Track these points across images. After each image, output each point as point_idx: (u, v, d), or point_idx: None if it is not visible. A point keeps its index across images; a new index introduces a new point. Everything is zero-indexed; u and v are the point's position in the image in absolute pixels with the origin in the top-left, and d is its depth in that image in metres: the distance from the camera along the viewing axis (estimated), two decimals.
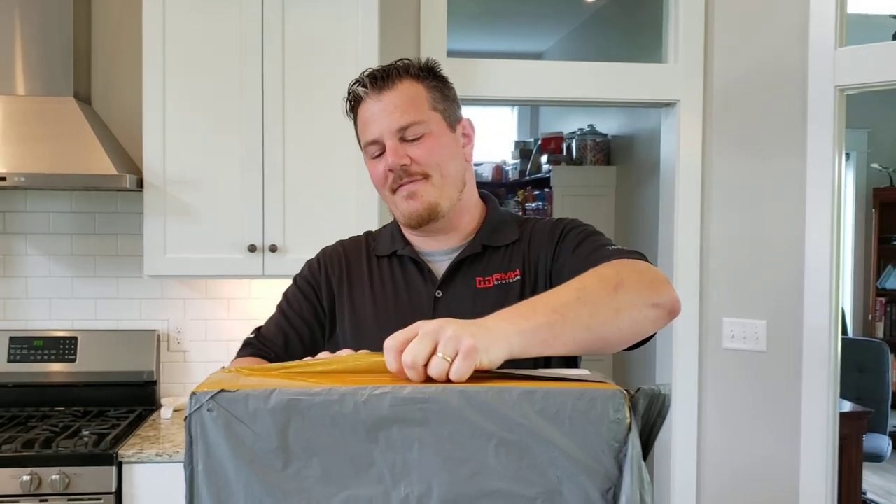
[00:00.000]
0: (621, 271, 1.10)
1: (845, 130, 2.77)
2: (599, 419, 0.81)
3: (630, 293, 1.05)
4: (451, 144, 1.35)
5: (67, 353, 2.81)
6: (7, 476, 2.25)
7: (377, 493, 0.81)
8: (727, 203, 2.94)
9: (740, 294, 2.91)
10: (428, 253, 1.39)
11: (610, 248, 1.24)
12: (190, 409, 0.81)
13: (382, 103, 1.29)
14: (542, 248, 1.34)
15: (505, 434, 0.81)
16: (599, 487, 0.82)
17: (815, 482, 2.74)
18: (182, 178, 2.59)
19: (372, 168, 1.34)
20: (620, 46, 4.21)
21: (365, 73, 1.33)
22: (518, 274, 1.33)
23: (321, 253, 1.48)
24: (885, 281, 6.28)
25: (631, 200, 4.13)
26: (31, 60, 2.64)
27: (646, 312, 1.07)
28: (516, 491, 0.81)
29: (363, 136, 1.34)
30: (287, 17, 2.59)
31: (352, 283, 1.41)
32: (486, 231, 1.39)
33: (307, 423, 0.80)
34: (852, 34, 2.75)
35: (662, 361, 3.12)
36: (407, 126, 1.29)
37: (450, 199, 1.33)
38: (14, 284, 2.89)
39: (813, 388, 2.73)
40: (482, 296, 1.31)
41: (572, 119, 5.12)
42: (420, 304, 1.34)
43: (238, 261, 2.60)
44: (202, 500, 0.81)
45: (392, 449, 0.80)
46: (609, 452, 0.82)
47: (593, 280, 1.06)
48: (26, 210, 2.89)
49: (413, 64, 1.33)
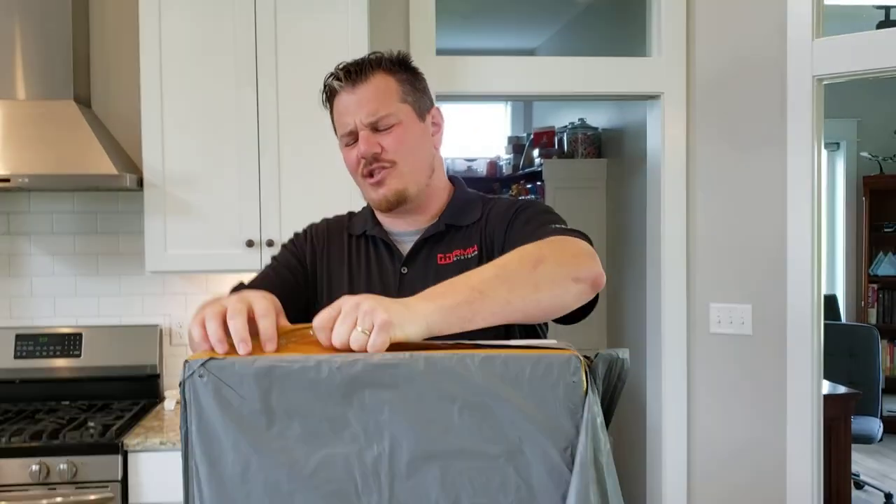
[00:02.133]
0: (543, 248, 1.15)
1: (834, 120, 2.85)
2: (556, 382, 0.88)
3: (550, 268, 1.11)
4: (420, 133, 1.44)
5: (72, 348, 2.89)
6: (17, 466, 2.34)
7: (352, 451, 0.88)
8: (712, 192, 3.02)
9: (726, 280, 2.99)
10: (397, 233, 1.48)
11: (551, 227, 1.29)
12: (184, 375, 0.89)
13: (356, 96, 1.38)
14: (499, 225, 1.42)
15: (468, 397, 0.87)
16: (558, 446, 0.88)
17: (801, 461, 2.82)
18: (181, 176, 2.67)
19: (346, 155, 1.43)
20: (611, 41, 4.28)
21: (339, 66, 1.41)
22: (476, 250, 1.42)
23: (309, 227, 1.57)
24: (876, 268, 6.35)
25: (621, 192, 4.20)
26: (32, 65, 2.72)
27: (566, 286, 1.12)
28: (480, 450, 0.88)
29: (339, 126, 1.43)
30: (279, 18, 2.67)
31: (331, 258, 1.50)
32: (450, 211, 1.48)
33: (287, 387, 0.87)
34: (837, 25, 2.82)
35: (652, 347, 3.20)
36: (378, 118, 1.38)
37: (417, 185, 1.43)
38: (19, 283, 2.98)
39: (797, 370, 2.81)
40: (443, 271, 1.39)
41: (564, 113, 5.19)
42: (387, 280, 1.44)
43: (236, 256, 2.68)
44: (196, 456, 0.89)
45: (364, 411, 0.87)
46: (566, 414, 0.88)
47: (514, 258, 1.12)
48: (30, 211, 2.97)
49: (385, 57, 1.42)
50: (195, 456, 0.89)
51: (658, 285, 3.12)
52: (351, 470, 0.88)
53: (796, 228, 2.81)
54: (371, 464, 0.88)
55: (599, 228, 4.47)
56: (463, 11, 4.91)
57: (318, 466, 0.88)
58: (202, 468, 0.88)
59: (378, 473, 0.88)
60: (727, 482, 3.01)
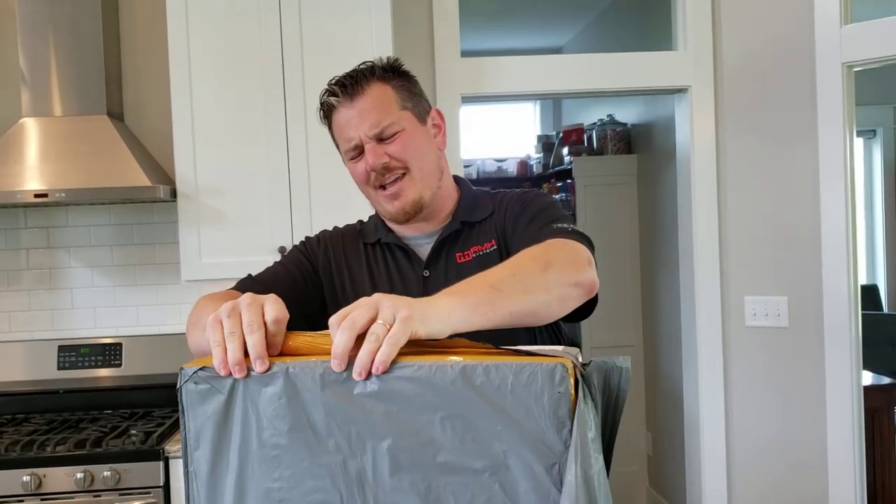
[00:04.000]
0: (550, 251, 1.20)
1: (870, 107, 2.81)
2: (540, 393, 0.82)
3: (558, 272, 1.15)
4: (424, 137, 1.45)
5: (113, 358, 2.95)
6: (62, 474, 2.39)
7: (336, 461, 0.87)
8: (743, 183, 2.99)
9: (760, 272, 2.96)
10: (411, 238, 1.49)
11: (555, 227, 1.32)
12: (180, 381, 0.91)
13: (355, 110, 1.39)
14: (509, 217, 1.44)
15: (449, 408, 0.84)
16: (544, 463, 0.82)
17: (842, 453, 2.78)
18: (213, 186, 2.72)
19: (353, 169, 1.44)
20: (637, 36, 4.26)
21: (332, 81, 1.42)
22: (494, 244, 1.43)
23: (321, 233, 1.57)
24: None
25: (652, 187, 4.18)
26: (66, 82, 2.79)
27: (570, 291, 1.16)
28: (464, 464, 0.84)
29: (341, 141, 1.43)
30: (304, 28, 2.70)
31: (351, 268, 1.50)
32: (463, 209, 1.49)
33: (274, 395, 0.88)
34: (867, 10, 2.78)
35: (687, 342, 3.18)
36: (381, 128, 1.38)
37: (430, 190, 1.44)
38: (60, 296, 3.05)
39: (836, 361, 2.78)
40: (464, 269, 1.40)
41: (593, 110, 5.17)
42: (410, 285, 1.44)
43: (269, 263, 2.69)
44: (194, 461, 0.91)
45: (346, 421, 0.86)
46: (552, 427, 0.82)
47: (525, 259, 1.16)
48: (68, 225, 3.04)
49: (377, 65, 1.42)
50: (193, 460, 0.91)
51: (692, 280, 3.10)
52: (336, 481, 0.87)
53: (830, 218, 2.77)
54: (355, 475, 0.87)
55: (631, 225, 4.44)
56: (487, 12, 4.91)
57: (305, 476, 0.88)
58: (200, 472, 0.91)
59: (362, 485, 0.87)
60: (767, 474, 2.98)
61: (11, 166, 2.64)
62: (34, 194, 2.56)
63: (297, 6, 2.69)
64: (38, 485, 2.37)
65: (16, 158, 2.66)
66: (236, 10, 2.69)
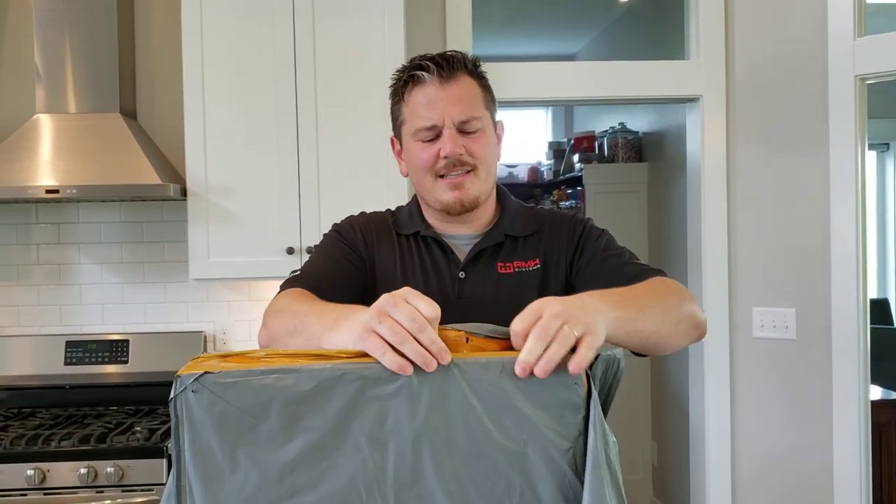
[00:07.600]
0: (683, 291, 1.28)
1: (883, 120, 2.80)
2: (556, 384, 0.88)
3: (688, 311, 1.24)
4: (494, 142, 1.46)
5: (120, 355, 2.96)
6: (66, 469, 2.40)
7: (356, 462, 0.86)
8: (753, 194, 2.98)
9: (769, 283, 2.95)
10: (452, 236, 1.47)
11: (638, 262, 1.42)
12: (175, 391, 0.85)
13: (446, 93, 1.36)
14: (563, 242, 1.45)
15: (470, 402, 0.87)
16: (560, 448, 0.88)
17: (848, 468, 2.76)
18: (223, 186, 2.73)
19: (420, 150, 1.39)
20: (651, 44, 4.26)
21: (424, 57, 1.39)
22: (538, 263, 1.43)
23: (347, 218, 1.54)
24: None
25: (663, 196, 4.17)
26: (81, 80, 2.81)
27: (690, 331, 1.24)
28: (484, 454, 0.87)
29: (415, 118, 1.39)
30: (317, 30, 2.71)
31: (382, 254, 1.47)
32: (507, 221, 1.48)
33: (288, 400, 0.84)
34: (880, 23, 2.77)
35: (694, 352, 3.17)
36: (468, 120, 1.37)
37: (486, 193, 1.44)
38: (69, 292, 3.06)
39: (844, 375, 2.76)
40: (504, 280, 1.41)
41: (604, 118, 5.17)
42: (444, 282, 1.42)
43: (277, 263, 2.72)
44: (190, 477, 0.85)
45: (368, 420, 0.85)
46: (568, 415, 0.88)
47: (662, 289, 1.24)
48: (79, 221, 3.06)
49: (468, 59, 1.41)
50: (189, 476, 0.85)
51: (700, 289, 3.09)
52: (355, 482, 0.86)
53: (840, 230, 2.76)
54: (375, 474, 0.86)
55: (641, 233, 4.43)
56: (501, 17, 4.92)
57: (321, 480, 0.85)
58: (197, 489, 0.85)
59: (383, 483, 0.86)
60: (772, 487, 2.96)
61: (24, 161, 2.66)
62: (46, 190, 2.57)
63: (311, 9, 2.70)
64: (42, 479, 2.38)
65: (29, 154, 2.68)
66: (250, 11, 2.70)
